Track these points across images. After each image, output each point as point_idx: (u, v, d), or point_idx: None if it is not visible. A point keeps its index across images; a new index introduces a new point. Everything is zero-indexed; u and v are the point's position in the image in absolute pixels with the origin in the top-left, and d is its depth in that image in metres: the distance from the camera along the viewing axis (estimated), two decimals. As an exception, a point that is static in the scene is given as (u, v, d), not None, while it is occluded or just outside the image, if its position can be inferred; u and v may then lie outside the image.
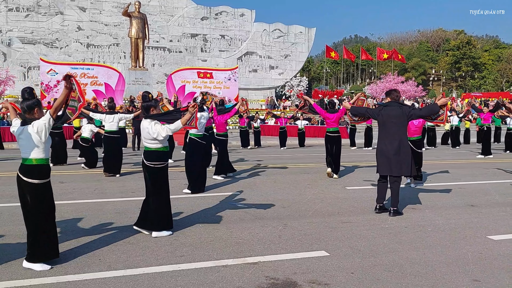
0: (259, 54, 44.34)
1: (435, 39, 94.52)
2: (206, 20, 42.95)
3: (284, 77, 44.96)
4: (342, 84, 78.15)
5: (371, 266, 4.42)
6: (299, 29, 46.05)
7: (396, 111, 6.59)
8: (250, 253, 4.78)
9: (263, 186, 9.32)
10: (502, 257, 4.73)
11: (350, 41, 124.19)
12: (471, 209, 7.15)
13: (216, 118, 10.90)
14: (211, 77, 36.86)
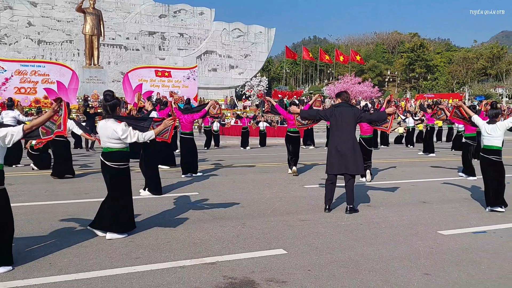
0: (218, 53, 44.23)
1: (390, 41, 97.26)
2: (164, 18, 42.39)
3: (244, 77, 45.03)
4: (301, 85, 79.04)
5: (328, 263, 4.49)
6: (259, 29, 46.24)
7: (348, 111, 6.77)
8: (208, 253, 4.75)
9: (222, 186, 9.29)
10: (452, 251, 4.92)
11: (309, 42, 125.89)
12: (423, 206, 7.39)
13: (182, 117, 10.81)
14: (169, 76, 36.41)
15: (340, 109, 6.80)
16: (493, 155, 6.88)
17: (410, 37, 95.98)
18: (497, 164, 6.91)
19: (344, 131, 6.71)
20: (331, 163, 6.77)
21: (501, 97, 64.65)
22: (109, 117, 5.33)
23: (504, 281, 4.05)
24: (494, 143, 6.92)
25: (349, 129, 6.72)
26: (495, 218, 6.52)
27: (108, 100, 5.40)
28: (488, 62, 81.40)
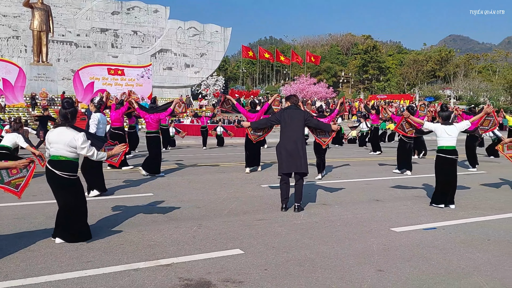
0: (174, 52, 43.65)
1: (344, 43, 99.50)
2: (117, 15, 41.36)
3: (200, 76, 44.69)
4: (258, 85, 79.40)
5: (284, 261, 4.50)
6: (215, 28, 46.02)
7: (297, 114, 6.95)
8: (163, 255, 4.65)
9: (178, 186, 9.16)
10: (403, 247, 5.05)
11: (266, 42, 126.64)
12: (376, 204, 7.57)
13: (147, 117, 10.80)
14: (122, 74, 35.65)
15: (289, 112, 6.98)
16: (453, 155, 7.17)
17: (364, 39, 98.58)
18: (455, 163, 7.23)
19: (292, 132, 6.86)
20: (281, 163, 6.89)
21: (449, 98, 67.46)
22: (69, 125, 5.13)
23: (452, 275, 4.19)
24: (453, 143, 7.22)
25: (298, 130, 6.89)
26: (445, 215, 6.77)
27: (66, 107, 5.19)
28: (437, 65, 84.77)
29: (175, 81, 43.64)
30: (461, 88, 73.68)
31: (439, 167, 7.28)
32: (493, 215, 6.74)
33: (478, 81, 73.41)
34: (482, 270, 4.33)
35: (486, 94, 68.95)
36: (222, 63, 61.13)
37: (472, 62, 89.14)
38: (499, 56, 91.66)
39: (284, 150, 6.85)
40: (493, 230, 5.86)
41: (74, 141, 5.01)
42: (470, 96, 69.22)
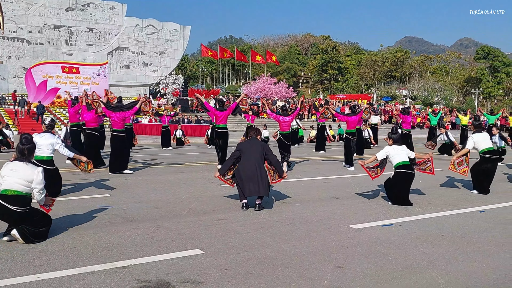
0: (131, 50, 42.75)
1: (304, 43, 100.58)
2: (71, 12, 40.07)
3: (158, 75, 43.97)
4: (218, 84, 79.08)
5: (244, 261, 4.47)
6: (173, 26, 45.39)
7: (257, 143, 7.19)
8: (120, 257, 4.53)
9: (136, 187, 8.97)
10: (362, 244, 5.13)
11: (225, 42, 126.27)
12: (335, 201, 7.67)
13: (113, 115, 10.95)
14: (77, 72, 34.67)
15: (249, 141, 7.24)
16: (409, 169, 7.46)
17: (323, 40, 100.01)
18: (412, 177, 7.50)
19: (252, 157, 6.96)
20: (243, 187, 6.85)
21: (405, 98, 69.48)
22: (27, 160, 5.11)
23: (409, 270, 4.29)
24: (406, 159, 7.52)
25: (257, 156, 7.00)
26: (401, 211, 6.93)
27: (24, 143, 5.16)
28: (393, 65, 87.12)
29: (132, 80, 42.76)
30: (416, 88, 76.09)
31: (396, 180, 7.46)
32: (447, 211, 6.97)
33: (432, 82, 76.03)
34: (437, 264, 4.45)
35: (440, 94, 71.51)
36: (181, 61, 60.45)
37: (426, 63, 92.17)
38: (452, 58, 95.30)
39: (244, 174, 6.84)
40: (447, 226, 6.05)
41: (32, 176, 4.98)
42: (425, 96, 71.58)
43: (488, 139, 8.78)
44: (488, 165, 8.60)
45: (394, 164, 7.53)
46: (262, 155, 7.08)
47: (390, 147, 7.66)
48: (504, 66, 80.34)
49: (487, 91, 76.33)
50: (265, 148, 7.17)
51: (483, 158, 8.62)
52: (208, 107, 12.44)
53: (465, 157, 8.72)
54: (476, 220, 6.40)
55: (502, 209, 7.21)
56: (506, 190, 9.04)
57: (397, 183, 7.43)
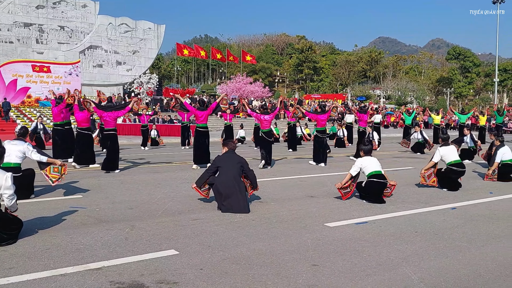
0: (104, 49, 42.01)
1: (279, 43, 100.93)
2: (42, 9, 39.10)
3: (132, 74, 43.34)
4: (193, 83, 78.64)
5: (220, 260, 4.44)
6: (147, 25, 44.82)
7: (235, 157, 7.15)
8: (93, 259, 4.44)
9: (109, 187, 8.83)
10: (337, 241, 5.17)
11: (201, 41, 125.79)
12: (310, 200, 7.71)
13: (105, 115, 11.21)
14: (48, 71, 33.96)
15: (227, 155, 7.16)
16: (382, 179, 7.59)
17: (298, 40, 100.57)
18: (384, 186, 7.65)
19: (230, 171, 6.87)
20: (221, 204, 6.78)
21: (379, 98, 70.51)
22: None
23: (383, 267, 4.34)
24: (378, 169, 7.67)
25: (235, 170, 6.92)
26: (375, 209, 7.02)
27: None
28: (367, 65, 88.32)
29: (106, 79, 42.03)
30: (390, 88, 77.33)
31: (370, 189, 7.59)
32: (419, 209, 7.08)
33: (405, 81, 77.39)
34: (410, 261, 4.52)
35: (413, 94, 72.81)
36: (156, 61, 59.83)
37: (399, 63, 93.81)
38: (424, 58, 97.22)
39: (222, 190, 6.73)
40: (419, 223, 6.15)
41: (1, 182, 4.88)
42: (398, 96, 72.78)
43: (455, 152, 9.08)
44: (453, 176, 8.87)
45: (367, 173, 7.64)
46: (240, 169, 7.03)
47: (362, 159, 7.78)
48: (475, 66, 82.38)
49: (459, 90, 78.11)
50: (243, 162, 7.13)
51: (450, 169, 8.88)
52: (188, 107, 12.62)
53: (433, 169, 8.97)
54: (448, 217, 6.53)
55: (472, 206, 7.37)
56: (477, 188, 9.26)
57: (370, 191, 7.58)
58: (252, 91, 54.63)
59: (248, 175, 7.13)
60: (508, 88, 79.23)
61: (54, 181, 7.69)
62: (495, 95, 59.76)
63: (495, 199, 7.99)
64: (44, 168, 7.63)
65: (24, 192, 7.30)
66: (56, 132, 13.36)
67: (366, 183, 7.64)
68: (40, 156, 7.53)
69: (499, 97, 72.43)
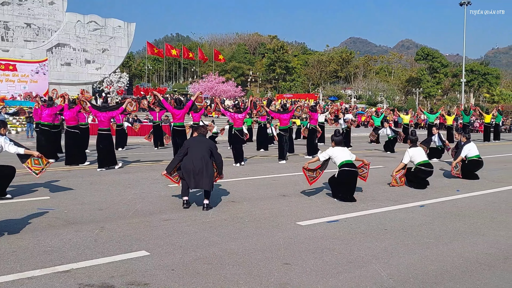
0: (73, 47, 41.16)
1: (252, 43, 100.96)
2: (7, 6, 37.99)
3: (102, 72, 42.63)
4: (165, 82, 77.85)
5: (192, 260, 4.42)
6: (117, 23, 44.14)
7: (204, 140, 7.18)
8: (61, 261, 4.34)
9: (78, 188, 8.65)
10: (308, 240, 5.21)
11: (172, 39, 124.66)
12: (283, 199, 7.75)
13: (99, 115, 11.51)
14: (14, 70, 33.05)
15: (197, 138, 7.19)
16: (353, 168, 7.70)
17: (270, 39, 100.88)
18: (356, 175, 7.76)
19: (198, 152, 6.92)
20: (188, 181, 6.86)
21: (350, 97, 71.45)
22: None
23: (353, 264, 4.39)
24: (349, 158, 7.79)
25: (204, 152, 6.96)
26: (346, 207, 7.10)
27: None
28: (338, 66, 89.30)
29: (74, 78, 41.16)
30: (361, 88, 78.48)
31: (342, 178, 7.67)
32: (389, 206, 7.21)
33: (376, 82, 78.69)
34: (380, 258, 4.60)
35: (383, 93, 74.08)
36: (126, 59, 59.04)
37: (370, 63, 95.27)
38: (394, 58, 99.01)
39: (190, 168, 6.81)
40: (389, 220, 6.26)
41: None
42: (369, 96, 73.91)
43: (423, 153, 9.34)
44: (422, 176, 9.09)
45: (338, 163, 7.74)
46: (209, 152, 7.05)
47: (333, 149, 7.89)
48: (443, 67, 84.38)
49: (427, 90, 79.87)
50: (212, 146, 7.15)
51: (419, 169, 9.10)
52: (166, 105, 12.70)
53: (403, 170, 9.20)
54: (417, 215, 6.67)
55: (440, 204, 7.56)
56: (444, 186, 9.49)
57: (342, 181, 7.64)
58: (224, 91, 54.55)
59: (216, 159, 7.19)
60: (475, 88, 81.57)
61: (38, 173, 7.59)
62: (462, 95, 61.41)
63: (461, 197, 8.21)
64: (25, 161, 7.50)
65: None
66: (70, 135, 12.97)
67: (338, 172, 7.72)
68: (17, 148, 7.38)
69: (466, 97, 74.51)
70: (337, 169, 7.78)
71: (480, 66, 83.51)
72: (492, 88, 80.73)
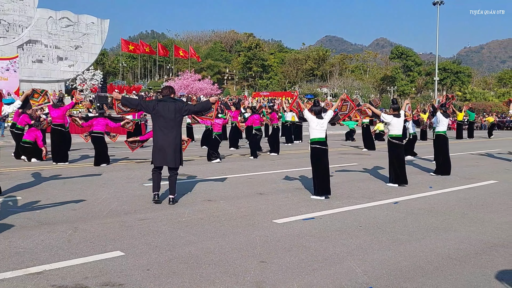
0: (44, 43, 40.17)
1: (228, 40, 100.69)
2: (-24, 1, 36.87)
3: (75, 70, 41.73)
4: (140, 80, 76.92)
5: (168, 260, 4.39)
6: (90, 19, 43.26)
7: (171, 105, 6.94)
8: (34, 263, 4.26)
9: (50, 188, 8.49)
10: (284, 238, 5.24)
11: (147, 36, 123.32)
12: (259, 197, 7.76)
13: (95, 122, 12.27)
14: (-16, 66, 32.09)
15: (163, 104, 6.95)
16: (325, 146, 7.77)
17: (246, 37, 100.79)
18: (327, 153, 7.79)
19: (166, 125, 6.87)
20: (154, 156, 7.00)
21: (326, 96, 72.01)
22: None
23: (329, 261, 4.44)
24: (323, 135, 7.78)
25: (172, 124, 6.89)
26: (322, 205, 7.17)
27: None
28: (315, 64, 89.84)
29: (46, 75, 40.19)
30: (337, 86, 79.18)
31: (314, 159, 7.75)
32: (364, 204, 7.31)
33: (351, 80, 79.57)
34: (355, 254, 4.66)
35: (359, 91, 74.91)
36: (100, 56, 58.01)
37: (346, 61, 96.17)
38: (369, 57, 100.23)
39: (157, 144, 6.90)
40: (364, 217, 6.35)
41: None
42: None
43: (400, 127, 9.38)
44: (392, 151, 9.21)
45: (311, 137, 7.83)
46: (179, 118, 6.97)
47: (313, 118, 7.85)
48: (416, 65, 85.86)
49: (401, 89, 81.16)
50: (181, 108, 6.97)
51: (390, 141, 9.27)
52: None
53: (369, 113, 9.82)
54: (391, 211, 6.78)
55: (413, 200, 7.70)
56: (417, 183, 9.66)
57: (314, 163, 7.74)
58: (200, 88, 54.20)
59: (194, 111, 7.24)
60: (447, 86, 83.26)
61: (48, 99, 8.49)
62: (435, 93, 62.66)
63: (434, 194, 8.38)
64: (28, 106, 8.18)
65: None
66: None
67: (311, 149, 7.80)
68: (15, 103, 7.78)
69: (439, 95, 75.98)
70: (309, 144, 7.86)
71: (453, 65, 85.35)
72: (464, 86, 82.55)
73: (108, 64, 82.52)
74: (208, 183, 9.16)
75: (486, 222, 6.16)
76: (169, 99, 6.99)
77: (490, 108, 58.34)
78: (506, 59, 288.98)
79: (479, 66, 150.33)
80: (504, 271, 4.22)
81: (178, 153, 6.97)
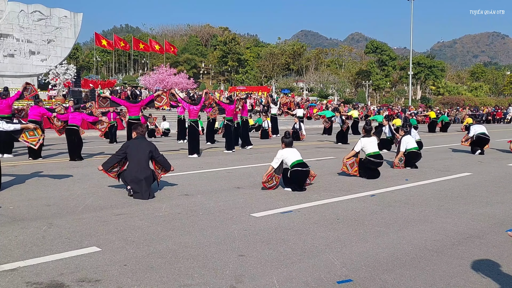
0: (16, 37, 39.13)
1: (203, 34, 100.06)
2: None
3: (48, 64, 40.81)
4: (114, 74, 75.78)
5: (145, 255, 4.33)
6: (63, 13, 42.30)
7: (144, 144, 7.41)
8: (7, 259, 4.15)
9: (24, 184, 8.29)
10: (262, 231, 5.23)
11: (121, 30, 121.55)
12: (237, 191, 7.74)
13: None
14: (-48, 60, 31.03)
15: (136, 142, 7.38)
16: (305, 167, 7.84)
17: (222, 31, 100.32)
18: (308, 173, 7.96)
19: (141, 161, 7.18)
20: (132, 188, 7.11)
21: (302, 90, 72.30)
22: None
23: (307, 254, 4.45)
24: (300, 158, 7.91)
25: (144, 159, 7.26)
26: (300, 198, 7.19)
27: None
28: (290, 58, 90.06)
29: (18, 70, 39.21)
30: (313, 80, 79.57)
31: (295, 178, 7.79)
32: (341, 196, 7.36)
33: (327, 74, 79.99)
34: (333, 247, 4.68)
35: (334, 86, 75.43)
36: (73, 50, 57.00)
37: (321, 56, 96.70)
38: (344, 51, 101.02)
39: (133, 177, 7.05)
40: (342, 210, 6.39)
41: None
42: (320, 88, 75.06)
43: (375, 144, 9.57)
44: (371, 167, 9.34)
45: (290, 164, 7.82)
46: (149, 155, 7.32)
47: (283, 151, 7.94)
48: (391, 60, 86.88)
49: (376, 83, 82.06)
50: (152, 148, 7.36)
51: (368, 160, 9.34)
52: (119, 101, 13.16)
53: (355, 158, 9.37)
54: (368, 204, 6.85)
55: (390, 193, 7.80)
56: (394, 175, 9.80)
57: (295, 180, 7.78)
58: (176, 83, 53.68)
59: (158, 160, 7.47)
60: (422, 80, 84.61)
61: (36, 144, 7.98)
62: (410, 87, 63.67)
63: (410, 186, 8.51)
64: (20, 135, 7.72)
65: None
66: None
67: (291, 172, 7.79)
68: (14, 125, 7.63)
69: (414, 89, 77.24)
70: (289, 168, 7.84)
71: (426, 59, 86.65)
72: (437, 80, 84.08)
73: (82, 59, 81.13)
74: (185, 177, 9.09)
75: (462, 213, 6.28)
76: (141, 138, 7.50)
77: (464, 102, 59.56)
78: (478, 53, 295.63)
79: (452, 61, 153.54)
80: (480, 261, 4.30)
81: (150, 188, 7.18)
